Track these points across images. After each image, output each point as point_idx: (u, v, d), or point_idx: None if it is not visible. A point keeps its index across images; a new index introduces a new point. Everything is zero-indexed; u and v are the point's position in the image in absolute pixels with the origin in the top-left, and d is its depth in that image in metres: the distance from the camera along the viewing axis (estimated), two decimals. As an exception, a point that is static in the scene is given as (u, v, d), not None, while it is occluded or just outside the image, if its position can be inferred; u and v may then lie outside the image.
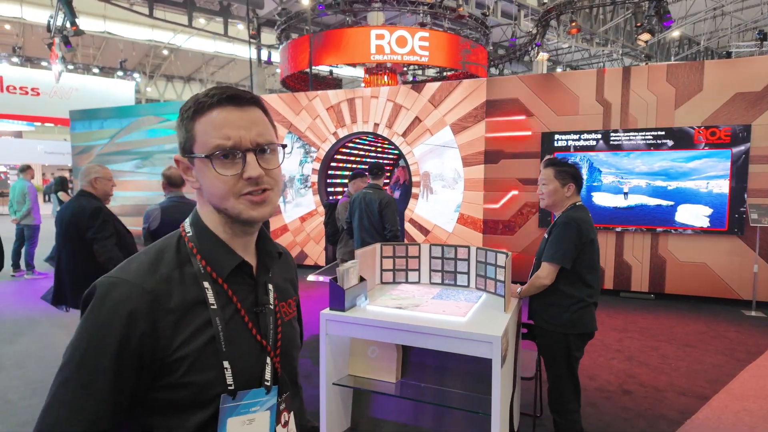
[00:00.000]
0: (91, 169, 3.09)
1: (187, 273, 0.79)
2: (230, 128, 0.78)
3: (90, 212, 2.94)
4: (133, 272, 0.75)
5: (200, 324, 0.76)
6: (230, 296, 0.80)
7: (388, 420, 2.47)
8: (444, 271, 2.81)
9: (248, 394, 0.78)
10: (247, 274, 0.85)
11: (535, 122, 6.30)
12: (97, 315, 0.71)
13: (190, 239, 0.83)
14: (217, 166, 0.78)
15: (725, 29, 19.60)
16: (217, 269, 0.80)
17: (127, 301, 0.71)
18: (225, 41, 21.03)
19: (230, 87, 0.81)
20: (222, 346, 0.76)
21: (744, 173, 5.41)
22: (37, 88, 19.40)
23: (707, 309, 5.51)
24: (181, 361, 0.73)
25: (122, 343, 0.70)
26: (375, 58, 13.03)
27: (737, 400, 3.30)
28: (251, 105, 0.82)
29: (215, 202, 0.80)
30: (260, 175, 0.78)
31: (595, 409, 3.18)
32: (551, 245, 2.38)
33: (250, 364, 0.80)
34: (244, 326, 0.81)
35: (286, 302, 0.94)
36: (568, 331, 2.39)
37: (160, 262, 0.78)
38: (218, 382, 0.75)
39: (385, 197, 4.16)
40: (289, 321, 0.93)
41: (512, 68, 21.73)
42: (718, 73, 5.52)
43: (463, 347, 2.00)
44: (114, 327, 0.70)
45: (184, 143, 0.82)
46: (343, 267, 2.28)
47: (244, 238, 0.85)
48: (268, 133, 0.82)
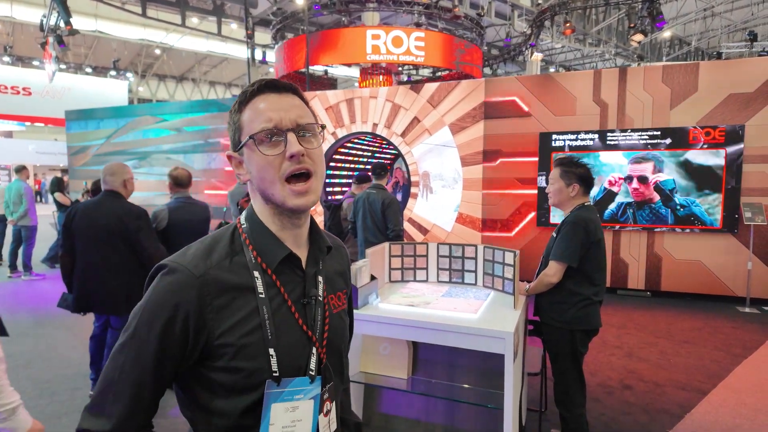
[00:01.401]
0: (121, 170, 3.01)
1: (239, 262, 0.83)
2: (271, 111, 0.82)
3: (136, 215, 2.91)
4: (188, 258, 0.80)
5: (248, 311, 0.79)
6: (278, 287, 0.84)
7: (399, 416, 2.52)
8: (451, 269, 2.86)
9: (293, 381, 0.81)
10: (296, 266, 0.87)
11: (532, 122, 6.37)
12: (151, 294, 0.78)
13: (245, 230, 0.87)
14: (261, 148, 0.82)
15: (715, 30, 19.87)
16: (267, 260, 0.84)
17: (177, 284, 0.77)
18: (218, 41, 20.93)
19: (269, 78, 0.87)
20: (268, 334, 0.79)
21: (738, 172, 5.52)
22: (29, 87, 19.22)
23: (703, 306, 5.62)
24: (227, 345, 0.77)
25: (168, 322, 0.75)
26: (371, 57, 13.06)
27: (735, 394, 3.38)
28: (289, 91, 0.86)
29: (264, 187, 0.83)
30: (300, 152, 0.81)
31: (598, 404, 3.25)
32: (559, 244, 2.44)
33: (296, 354, 0.83)
34: (291, 316, 0.84)
35: (336, 295, 0.96)
36: (573, 328, 2.45)
37: (213, 250, 0.82)
38: (264, 369, 0.78)
39: (388, 197, 4.21)
40: (338, 313, 0.95)
41: (506, 68, 21.86)
42: (712, 74, 5.63)
43: (476, 343, 2.04)
44: (163, 307, 0.76)
45: (234, 136, 0.86)
46: (356, 266, 2.32)
47: (294, 230, 0.88)
48: (306, 116, 0.86)
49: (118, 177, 2.98)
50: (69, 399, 3.27)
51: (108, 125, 8.97)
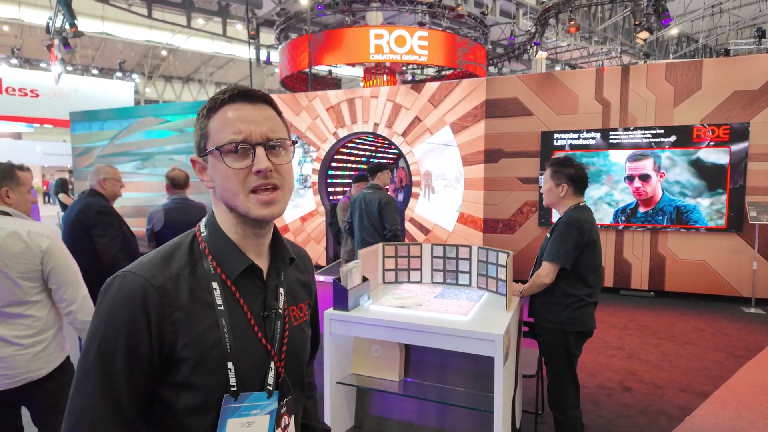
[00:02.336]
0: (100, 170, 3.10)
1: (198, 272, 0.80)
2: (241, 122, 0.79)
3: (96, 210, 2.96)
4: (145, 267, 0.77)
5: (208, 325, 0.77)
6: (238, 299, 0.81)
7: (391, 418, 2.50)
8: (446, 270, 2.83)
9: (250, 396, 0.79)
10: (257, 277, 0.85)
11: (534, 121, 6.32)
12: (108, 306, 0.74)
13: (204, 239, 0.84)
14: (227, 160, 0.79)
15: (723, 26, 19.63)
16: (227, 270, 0.81)
17: (135, 293, 0.74)
18: (223, 41, 21.03)
19: (242, 86, 0.84)
20: (227, 348, 0.77)
21: (743, 171, 5.44)
22: (36, 89, 19.39)
23: (707, 306, 5.54)
24: (186, 359, 0.75)
25: (131, 333, 0.72)
26: (374, 57, 13.04)
27: (737, 397, 3.33)
28: (262, 102, 0.83)
29: (227, 198, 0.81)
30: (268, 168, 0.79)
31: (596, 406, 3.21)
32: (552, 245, 2.41)
33: (255, 368, 0.81)
34: (250, 330, 0.82)
35: (298, 306, 0.94)
36: (567, 329, 2.42)
37: (172, 259, 0.80)
38: (222, 383, 0.77)
39: (385, 197, 4.18)
40: (299, 325, 0.93)
41: (511, 67, 21.75)
42: (716, 72, 5.55)
43: (466, 346, 2.02)
44: (123, 317, 0.73)
45: (199, 142, 0.83)
46: (347, 267, 2.31)
47: (256, 240, 0.85)
48: (278, 130, 0.83)
49: (95, 177, 3.07)
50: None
51: (112, 126, 9.02)
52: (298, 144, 7.68)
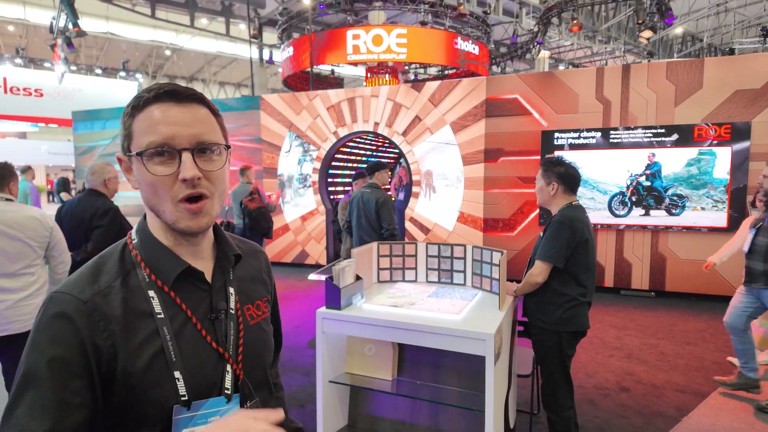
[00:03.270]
0: (104, 169, 3.11)
1: (132, 282, 0.75)
2: (166, 124, 0.73)
3: (102, 212, 2.99)
4: (71, 285, 0.72)
5: (147, 335, 0.72)
6: (179, 304, 0.77)
7: (384, 417, 2.49)
8: (440, 269, 2.82)
9: (206, 403, 0.75)
10: (198, 279, 0.80)
11: (534, 120, 6.30)
12: (36, 331, 0.69)
13: (135, 246, 0.79)
14: (149, 165, 0.73)
15: (728, 26, 19.51)
16: (162, 277, 0.77)
17: (64, 313, 0.68)
18: (227, 41, 21.08)
19: (172, 83, 0.78)
20: (171, 356, 0.73)
21: (744, 171, 5.40)
22: (41, 89, 19.49)
23: (707, 307, 5.51)
24: (130, 372, 0.70)
25: (62, 358, 0.67)
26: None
27: (735, 398, 3.30)
28: (193, 102, 0.77)
29: (151, 204, 0.76)
30: (195, 177, 0.73)
31: (593, 406, 3.20)
32: (545, 244, 2.41)
33: (208, 373, 0.77)
34: (197, 334, 0.77)
35: (254, 304, 0.90)
36: (560, 329, 2.41)
37: (100, 272, 0.75)
38: (171, 394, 0.72)
39: (382, 196, 4.18)
40: (257, 324, 0.89)
41: (514, 66, 21.69)
42: (718, 71, 5.51)
43: (457, 345, 2.01)
44: (54, 341, 0.67)
45: (123, 142, 0.78)
46: (339, 266, 2.30)
47: (191, 246, 0.81)
48: (210, 132, 0.77)
49: (98, 176, 3.09)
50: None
51: (114, 125, 9.06)
52: (297, 143, 7.69)
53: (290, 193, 7.86)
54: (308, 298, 5.92)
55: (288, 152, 7.78)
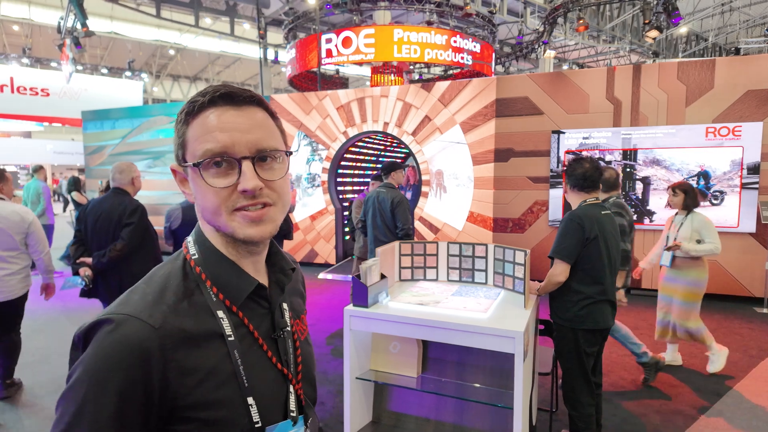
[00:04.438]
0: (131, 168, 3.17)
1: (198, 302, 0.69)
2: (223, 131, 0.67)
3: (131, 210, 3.03)
4: (137, 306, 0.65)
5: (217, 360, 0.67)
6: (246, 324, 0.72)
7: (409, 414, 2.52)
8: (462, 268, 2.85)
9: (276, 428, 0.71)
10: (261, 296, 0.75)
11: (545, 120, 6.32)
12: (93, 358, 0.61)
13: (197, 263, 0.72)
14: (207, 176, 0.67)
15: (733, 25, 19.48)
16: (231, 296, 0.71)
17: (130, 341, 0.61)
18: (231, 41, 21.11)
19: (228, 85, 0.72)
20: (244, 381, 0.68)
21: (755, 171, 5.42)
22: (47, 88, 19.55)
23: (719, 307, 5.52)
24: (197, 405, 0.64)
25: (124, 392, 0.60)
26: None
27: (751, 396, 3.32)
28: (251, 104, 0.71)
29: (208, 217, 0.71)
30: (257, 188, 0.67)
31: (610, 404, 3.22)
32: (555, 241, 2.46)
33: (274, 396, 0.73)
34: (263, 355, 0.73)
35: (300, 319, 0.86)
36: (576, 327, 2.44)
37: (165, 290, 0.68)
38: (243, 422, 0.67)
39: (398, 196, 4.22)
40: (305, 340, 0.85)
41: (518, 66, 21.69)
42: (729, 71, 5.52)
43: (486, 342, 2.04)
44: (115, 373, 0.60)
45: (177, 151, 0.72)
46: (366, 265, 2.33)
47: (253, 258, 0.75)
48: (270, 138, 0.71)
49: (126, 175, 3.12)
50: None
51: (123, 125, 9.11)
52: (306, 142, 7.72)
53: (299, 193, 7.89)
54: (322, 296, 5.95)
55: (296, 152, 7.81)
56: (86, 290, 3.12)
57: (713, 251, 3.50)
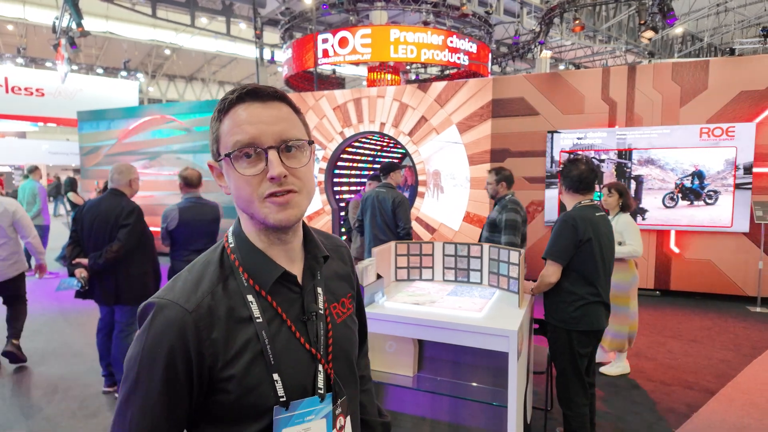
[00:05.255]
0: (130, 170, 3.16)
1: (231, 287, 0.78)
2: (250, 123, 0.75)
3: (128, 212, 3.03)
4: (177, 292, 0.75)
5: (247, 339, 0.75)
6: (275, 308, 0.79)
7: (405, 413, 2.54)
8: (457, 268, 2.87)
9: (302, 403, 0.78)
10: (291, 282, 0.82)
11: (540, 121, 6.35)
12: (145, 338, 0.73)
13: (233, 251, 0.81)
14: (238, 166, 0.75)
15: (728, 26, 19.60)
16: (261, 281, 0.79)
17: (170, 323, 0.72)
18: (227, 40, 21.06)
19: (254, 83, 0.79)
20: (270, 359, 0.75)
21: (748, 171, 5.46)
22: (42, 88, 19.47)
23: (713, 305, 5.57)
24: (230, 378, 0.73)
25: (169, 365, 0.71)
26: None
27: (743, 394, 3.36)
28: (275, 100, 0.78)
29: (242, 206, 0.78)
30: (281, 174, 0.74)
31: (605, 402, 3.25)
32: (549, 242, 2.48)
33: (302, 374, 0.79)
34: (291, 336, 0.79)
35: (339, 302, 0.92)
36: (570, 328, 2.46)
37: (203, 277, 0.77)
38: (270, 395, 0.75)
39: (398, 196, 4.27)
40: (343, 322, 0.91)
41: (514, 66, 21.75)
42: (723, 72, 5.57)
43: (481, 341, 2.06)
44: (160, 350, 0.71)
45: (212, 147, 0.80)
46: (362, 265, 2.35)
47: (284, 245, 0.82)
48: (294, 129, 0.78)
49: (124, 176, 3.11)
50: (82, 395, 3.34)
51: (119, 125, 9.09)
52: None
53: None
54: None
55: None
56: (81, 292, 3.12)
57: (632, 253, 3.48)
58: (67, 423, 2.98)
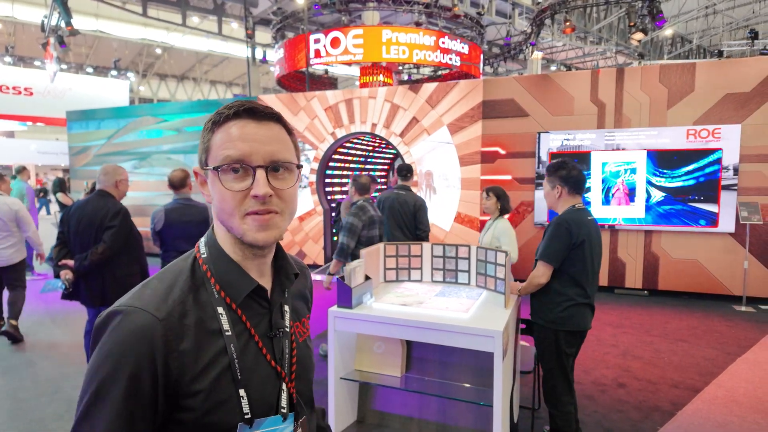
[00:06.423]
0: (116, 171, 3.15)
1: (202, 298, 0.76)
2: (243, 141, 0.75)
3: (113, 213, 3.01)
4: (147, 299, 0.72)
5: (216, 352, 0.73)
6: (244, 322, 0.78)
7: (393, 413, 2.56)
8: (445, 269, 2.90)
9: (265, 422, 0.76)
10: (261, 297, 0.82)
11: (530, 122, 6.40)
12: (110, 346, 0.69)
13: (205, 261, 0.80)
14: (224, 180, 0.75)
15: (717, 27, 19.83)
16: (231, 294, 0.78)
17: (138, 331, 0.68)
18: (219, 40, 20.98)
19: (252, 101, 0.80)
20: (237, 374, 0.74)
21: (734, 172, 5.54)
22: (31, 87, 19.27)
23: (699, 304, 5.65)
24: (196, 393, 0.71)
25: (134, 376, 0.67)
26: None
27: (727, 392, 3.42)
28: (270, 120, 0.79)
29: (222, 218, 0.78)
30: (266, 194, 0.74)
31: (591, 401, 3.29)
32: (543, 244, 2.50)
33: (267, 391, 0.78)
34: (258, 352, 0.78)
35: (301, 322, 0.91)
36: (557, 328, 2.49)
37: (174, 286, 0.75)
38: (235, 412, 0.73)
39: (419, 199, 4.47)
40: (304, 342, 0.90)
41: (506, 66, 21.86)
42: (709, 74, 5.65)
43: (467, 342, 2.09)
44: (125, 359, 0.67)
45: (201, 156, 0.80)
46: (350, 266, 2.37)
47: (258, 260, 0.81)
48: (285, 151, 0.78)
49: (110, 177, 3.10)
50: (70, 397, 3.32)
51: (109, 125, 9.03)
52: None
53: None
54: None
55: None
56: (67, 293, 3.11)
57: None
58: (55, 425, 2.96)
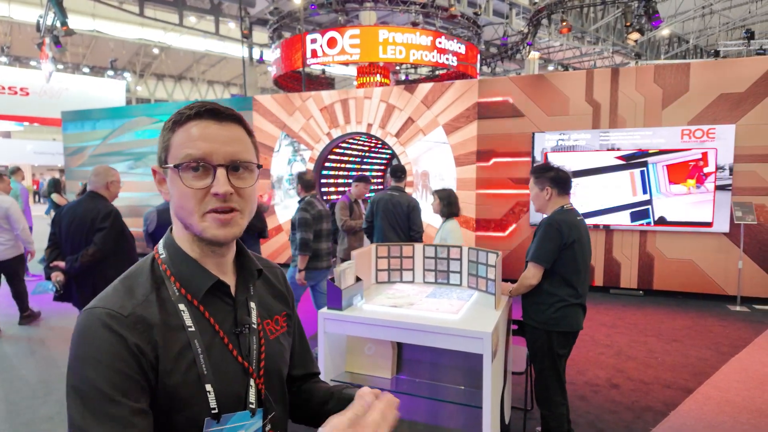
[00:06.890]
0: (107, 172, 3.14)
1: (164, 295, 0.77)
2: (204, 140, 0.76)
3: (104, 215, 3.00)
4: (109, 301, 0.73)
5: (180, 348, 0.74)
6: (207, 318, 0.78)
7: (384, 415, 2.55)
8: (437, 270, 2.89)
9: (233, 417, 0.77)
10: (224, 293, 0.83)
11: (526, 122, 6.40)
12: (83, 349, 0.69)
13: (164, 261, 0.81)
14: (185, 178, 0.76)
15: (713, 28, 19.87)
16: (192, 291, 0.79)
17: (105, 326, 0.69)
18: (216, 40, 20.94)
19: (213, 102, 0.81)
20: (203, 370, 0.74)
21: (729, 172, 5.55)
22: (27, 87, 19.21)
23: (694, 304, 5.65)
24: (165, 386, 0.72)
25: (113, 368, 0.67)
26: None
27: (720, 392, 3.42)
28: (231, 121, 0.80)
29: (181, 216, 0.79)
30: (227, 192, 0.76)
31: (584, 402, 3.29)
32: (533, 245, 2.50)
33: (234, 387, 0.79)
34: (224, 348, 0.79)
35: (272, 319, 0.92)
36: (550, 329, 2.49)
37: (135, 286, 0.77)
38: (202, 407, 0.74)
39: (413, 200, 4.45)
40: (276, 339, 0.90)
41: (504, 66, 21.87)
42: (704, 74, 5.65)
43: (456, 343, 2.08)
44: (101, 353, 0.68)
45: (161, 154, 0.81)
46: (340, 267, 2.35)
47: (217, 258, 0.83)
48: (245, 152, 0.80)
49: (101, 179, 3.09)
50: (62, 399, 3.31)
51: (104, 126, 9.00)
52: (287, 143, 7.71)
53: (280, 195, 7.86)
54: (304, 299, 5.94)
55: (277, 152, 7.78)
56: (58, 295, 3.10)
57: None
58: (46, 427, 2.95)
